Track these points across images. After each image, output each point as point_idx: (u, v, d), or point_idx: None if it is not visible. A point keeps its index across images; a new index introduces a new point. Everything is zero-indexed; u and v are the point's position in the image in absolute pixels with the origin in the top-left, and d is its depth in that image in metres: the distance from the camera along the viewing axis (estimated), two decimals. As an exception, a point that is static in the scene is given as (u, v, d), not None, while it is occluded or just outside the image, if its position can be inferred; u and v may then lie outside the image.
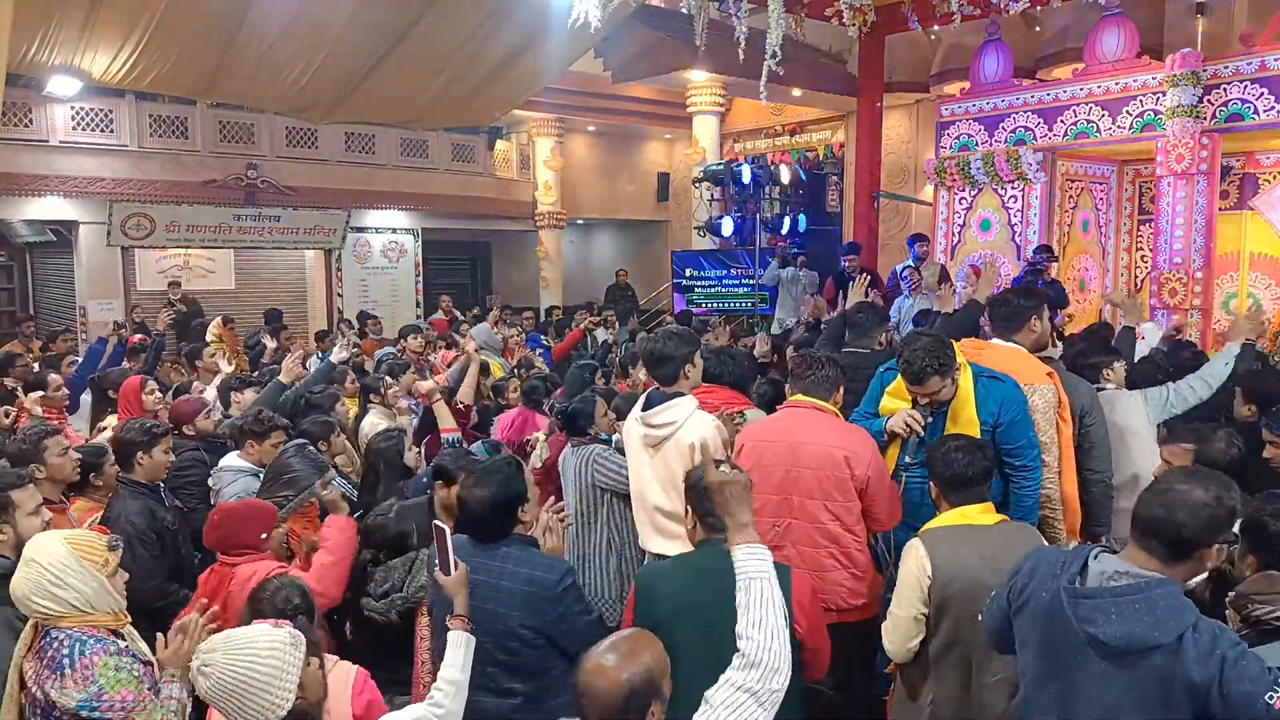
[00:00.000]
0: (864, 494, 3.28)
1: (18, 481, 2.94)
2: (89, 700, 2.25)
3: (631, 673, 1.80)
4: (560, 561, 2.72)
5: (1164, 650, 1.91)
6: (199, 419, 4.56)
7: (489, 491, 2.66)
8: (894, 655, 2.85)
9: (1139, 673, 1.94)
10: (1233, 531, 2.00)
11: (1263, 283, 8.75)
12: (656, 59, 12.72)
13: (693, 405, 3.43)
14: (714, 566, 2.57)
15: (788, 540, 3.32)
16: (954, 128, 9.21)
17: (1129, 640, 1.94)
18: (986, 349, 3.67)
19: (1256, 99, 7.42)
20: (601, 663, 1.82)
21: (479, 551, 2.67)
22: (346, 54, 9.01)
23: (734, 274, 11.95)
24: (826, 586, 3.28)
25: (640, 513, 3.57)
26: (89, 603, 2.35)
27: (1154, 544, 2.00)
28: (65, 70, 8.79)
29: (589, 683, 1.81)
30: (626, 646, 1.87)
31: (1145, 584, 1.96)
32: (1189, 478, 2.05)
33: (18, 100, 11.10)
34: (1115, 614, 1.96)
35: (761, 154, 15.24)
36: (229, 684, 2.02)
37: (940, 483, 2.83)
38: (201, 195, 12.60)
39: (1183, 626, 1.91)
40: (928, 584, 2.67)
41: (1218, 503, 1.96)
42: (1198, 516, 1.95)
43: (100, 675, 2.27)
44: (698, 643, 2.48)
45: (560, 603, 2.60)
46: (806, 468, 3.30)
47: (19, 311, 13.82)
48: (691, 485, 2.63)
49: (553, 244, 16.25)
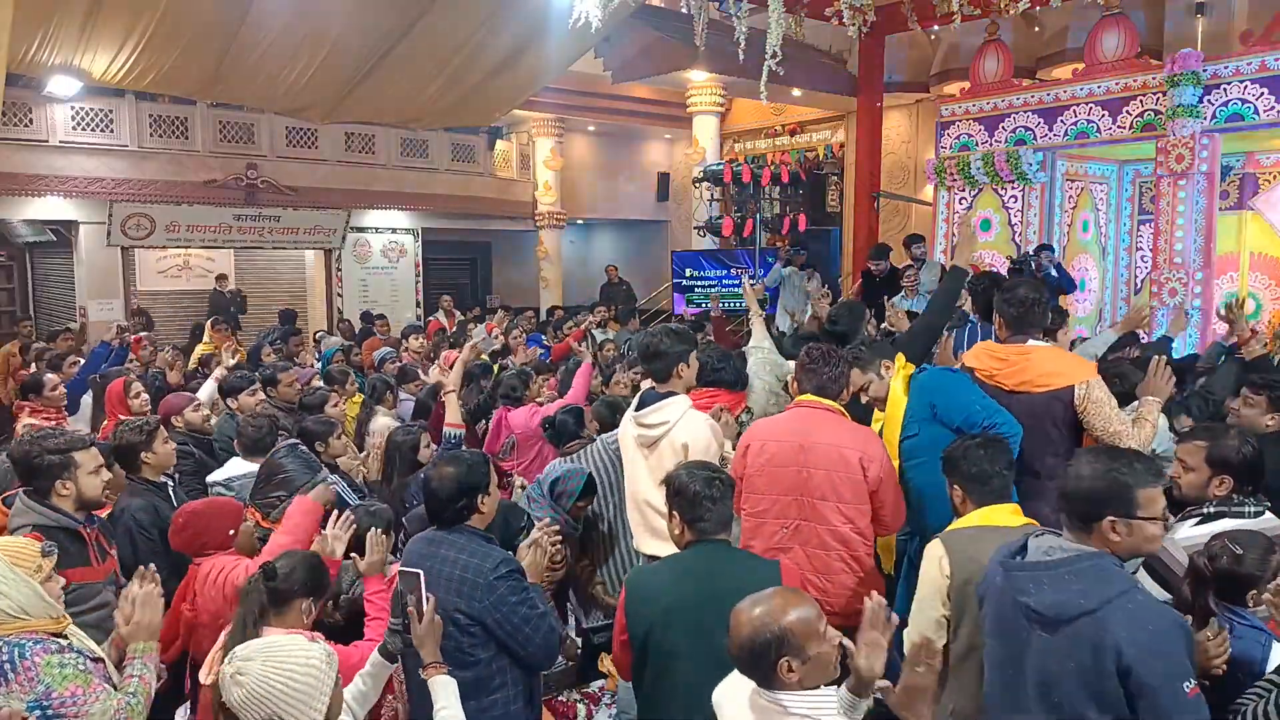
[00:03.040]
0: (874, 495, 3.27)
1: (81, 444, 3.18)
2: (38, 700, 2.20)
3: (765, 622, 1.92)
4: (500, 552, 2.74)
5: (1091, 617, 1.98)
6: (187, 411, 4.66)
7: (454, 470, 2.74)
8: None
9: (1072, 641, 2.01)
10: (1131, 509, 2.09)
11: (1262, 282, 8.75)
12: (656, 59, 12.72)
13: (685, 405, 3.41)
14: (704, 567, 2.57)
15: (796, 542, 3.29)
16: (954, 128, 9.22)
17: (1058, 608, 2.03)
18: (1033, 353, 3.55)
19: (1256, 99, 7.42)
20: (748, 609, 1.97)
21: (428, 544, 2.75)
22: (346, 54, 9.01)
23: (734, 274, 11.95)
24: (834, 589, 3.25)
25: (634, 513, 3.56)
26: (23, 609, 2.31)
27: (1071, 519, 2.13)
28: (65, 70, 8.78)
29: (734, 621, 1.97)
30: (777, 602, 1.97)
31: (1077, 556, 2.07)
32: (1091, 455, 2.18)
33: (18, 100, 11.10)
34: (1047, 583, 2.06)
35: (761, 154, 15.24)
36: (262, 695, 1.94)
37: (962, 481, 2.76)
38: (201, 195, 12.60)
39: (1110, 594, 1.99)
40: (946, 585, 2.62)
41: (1107, 474, 2.08)
42: (1094, 487, 2.09)
43: (45, 674, 2.22)
44: (691, 642, 2.49)
45: (492, 591, 2.60)
46: (819, 468, 3.26)
47: (19, 311, 13.82)
48: (678, 489, 2.61)
49: (553, 244, 16.25)
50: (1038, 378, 3.44)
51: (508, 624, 2.62)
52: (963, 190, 9.20)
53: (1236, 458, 2.82)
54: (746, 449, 3.42)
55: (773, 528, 3.32)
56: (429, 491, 2.79)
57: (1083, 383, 3.37)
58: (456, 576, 2.65)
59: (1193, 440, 2.92)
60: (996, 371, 3.53)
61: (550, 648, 2.71)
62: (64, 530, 3.02)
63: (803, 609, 1.97)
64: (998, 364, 3.56)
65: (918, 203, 12.64)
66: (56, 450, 3.10)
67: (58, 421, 5.41)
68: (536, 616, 2.66)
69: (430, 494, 2.78)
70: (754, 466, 3.38)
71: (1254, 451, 2.85)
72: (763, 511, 3.35)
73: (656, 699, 2.59)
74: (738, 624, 1.96)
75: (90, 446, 3.22)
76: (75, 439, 3.22)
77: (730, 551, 2.67)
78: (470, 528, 2.77)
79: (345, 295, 14.44)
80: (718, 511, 2.58)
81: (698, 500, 2.57)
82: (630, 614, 2.63)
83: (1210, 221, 7.93)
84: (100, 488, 3.18)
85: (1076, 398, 3.37)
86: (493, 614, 2.61)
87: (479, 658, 2.63)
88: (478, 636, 2.63)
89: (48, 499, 3.08)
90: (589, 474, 3.70)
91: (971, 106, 9.10)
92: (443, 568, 2.68)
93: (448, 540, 2.73)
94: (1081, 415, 3.37)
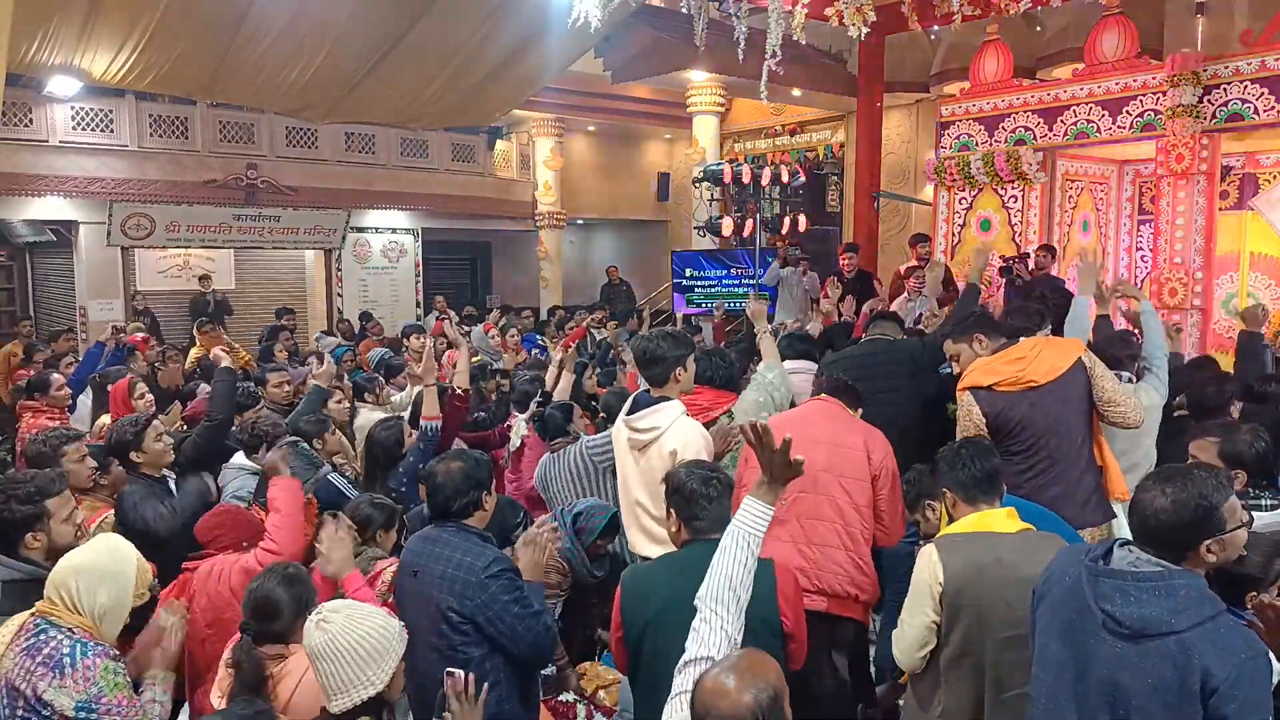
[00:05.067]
0: (875, 482, 3.32)
1: (52, 489, 2.89)
2: (88, 702, 2.24)
3: (757, 692, 1.68)
4: (495, 550, 2.74)
5: (1178, 637, 1.92)
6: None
7: (461, 465, 2.79)
8: (903, 664, 2.78)
9: (1153, 658, 1.95)
10: (1222, 526, 2.00)
11: (1263, 282, 8.74)
12: (656, 59, 12.72)
13: (678, 411, 3.41)
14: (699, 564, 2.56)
15: (793, 513, 3.31)
16: (954, 128, 9.21)
17: (1144, 622, 1.96)
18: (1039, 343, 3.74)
19: (1256, 99, 7.41)
20: (721, 683, 1.70)
21: (426, 541, 2.77)
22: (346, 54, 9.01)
23: (734, 274, 11.94)
24: (828, 566, 3.26)
25: (627, 514, 3.57)
26: (99, 618, 2.37)
27: (1151, 548, 2.02)
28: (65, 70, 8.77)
29: (710, 704, 1.68)
30: (746, 664, 1.75)
31: (1169, 573, 1.99)
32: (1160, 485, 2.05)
33: (18, 100, 11.10)
34: (1134, 596, 1.98)
35: (761, 154, 15.24)
36: (339, 645, 2.11)
37: (952, 484, 2.76)
38: (201, 195, 12.60)
39: (1201, 617, 1.93)
40: (939, 591, 2.60)
41: (1191, 503, 1.97)
42: (1182, 520, 1.97)
43: (101, 679, 2.27)
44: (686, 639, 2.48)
45: (484, 589, 2.61)
46: (823, 442, 3.34)
47: (19, 311, 13.82)
48: (676, 488, 2.62)
49: (553, 244, 16.24)
50: (1056, 360, 3.59)
51: (499, 622, 2.62)
52: (962, 190, 9.20)
53: (1250, 453, 2.85)
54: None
55: None
56: (434, 486, 2.80)
57: (1084, 354, 3.62)
58: (450, 574, 2.66)
59: (1205, 437, 2.93)
60: (1020, 374, 3.59)
61: (544, 647, 2.72)
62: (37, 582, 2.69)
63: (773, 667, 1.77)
64: (1018, 365, 3.61)
65: (918, 203, 12.64)
66: (28, 500, 2.81)
67: (60, 421, 5.41)
68: (529, 615, 2.66)
69: (436, 489, 2.79)
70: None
71: (1266, 445, 2.86)
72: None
73: (652, 696, 2.57)
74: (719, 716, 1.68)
75: (63, 492, 2.92)
76: (46, 483, 2.90)
77: None
78: (469, 526, 2.78)
79: (345, 295, 14.44)
80: (714, 510, 2.59)
81: (695, 499, 2.58)
82: (626, 612, 2.63)
83: (1210, 221, 7.92)
84: (73, 534, 2.92)
85: (1087, 365, 3.60)
86: (484, 612, 2.62)
87: (471, 656, 2.63)
88: (469, 635, 2.64)
89: (14, 551, 2.80)
90: (615, 511, 3.65)
91: (971, 106, 9.09)
92: (437, 565, 2.69)
93: (444, 538, 2.75)
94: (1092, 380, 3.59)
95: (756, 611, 2.48)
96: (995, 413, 3.58)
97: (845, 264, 8.72)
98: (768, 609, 2.50)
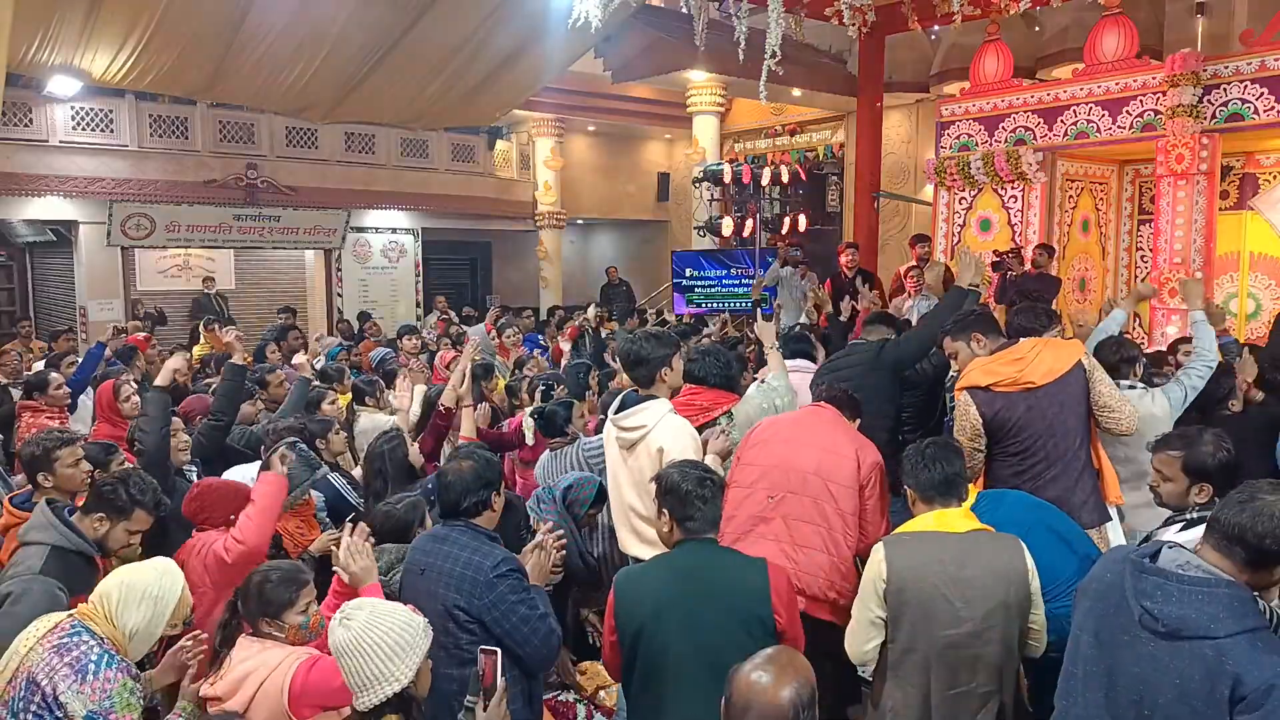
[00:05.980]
0: (862, 491, 3.31)
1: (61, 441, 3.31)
2: (97, 714, 2.25)
3: (797, 686, 1.70)
4: (503, 551, 2.74)
5: (1213, 642, 1.91)
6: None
7: (472, 463, 2.80)
8: (853, 656, 2.86)
9: (1184, 659, 1.94)
10: None
11: (1263, 283, 8.74)
12: (656, 59, 12.71)
13: (665, 409, 3.41)
14: (692, 564, 2.57)
15: (778, 512, 3.32)
16: (954, 128, 9.21)
17: (1182, 623, 1.95)
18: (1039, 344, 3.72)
19: (1256, 99, 7.41)
20: (756, 680, 1.72)
21: (435, 540, 2.78)
22: (346, 54, 9.01)
23: (734, 274, 11.95)
24: (808, 567, 3.27)
25: (618, 514, 3.57)
26: (129, 635, 2.40)
27: (1236, 550, 1.99)
28: (65, 70, 8.78)
29: (750, 700, 1.70)
30: (785, 660, 1.77)
31: (1215, 580, 1.97)
32: (1276, 489, 2.04)
33: (18, 100, 11.10)
34: (1176, 596, 1.98)
35: (761, 154, 15.23)
36: (362, 641, 2.13)
37: (914, 485, 2.78)
38: (201, 195, 12.61)
39: (1241, 628, 1.92)
40: (882, 587, 2.65)
41: None
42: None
43: (116, 694, 2.28)
44: (681, 640, 2.48)
45: (492, 589, 2.61)
46: (814, 446, 3.35)
47: (19, 311, 13.82)
48: (669, 488, 2.62)
49: (553, 244, 16.24)
50: (1055, 362, 3.60)
51: (505, 622, 2.62)
52: (962, 190, 9.19)
53: (1213, 464, 2.76)
54: (749, 436, 3.50)
55: (760, 497, 3.36)
56: (445, 484, 2.81)
57: (1084, 357, 3.65)
58: (457, 573, 2.66)
59: (1166, 450, 2.88)
60: (1019, 374, 3.60)
61: (549, 649, 2.71)
62: (80, 555, 2.90)
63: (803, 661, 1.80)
64: (1017, 366, 3.62)
65: (918, 202, 12.63)
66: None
67: (60, 421, 5.41)
68: (536, 617, 2.65)
69: (447, 487, 2.80)
70: (751, 443, 3.47)
71: (1229, 455, 2.80)
72: (753, 483, 3.39)
73: (647, 698, 2.58)
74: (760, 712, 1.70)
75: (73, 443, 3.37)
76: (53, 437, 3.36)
77: (718, 550, 2.67)
78: (477, 526, 2.78)
79: (345, 295, 14.44)
80: (708, 511, 2.59)
81: (688, 499, 2.57)
82: (620, 614, 2.62)
83: (1210, 221, 7.92)
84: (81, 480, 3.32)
85: (1086, 369, 3.62)
86: (491, 612, 2.61)
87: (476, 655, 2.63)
88: (475, 634, 2.63)
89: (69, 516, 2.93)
90: (600, 482, 3.70)
91: (971, 106, 9.09)
92: (444, 564, 2.69)
93: (452, 538, 2.75)
94: (1090, 384, 3.62)
95: (750, 610, 2.49)
96: (993, 413, 3.60)
97: (845, 262, 8.71)
98: (761, 607, 2.50)
